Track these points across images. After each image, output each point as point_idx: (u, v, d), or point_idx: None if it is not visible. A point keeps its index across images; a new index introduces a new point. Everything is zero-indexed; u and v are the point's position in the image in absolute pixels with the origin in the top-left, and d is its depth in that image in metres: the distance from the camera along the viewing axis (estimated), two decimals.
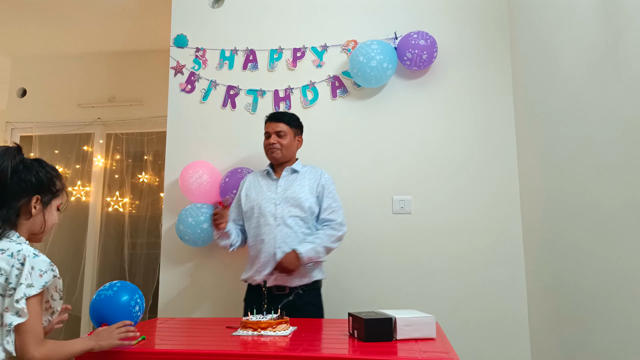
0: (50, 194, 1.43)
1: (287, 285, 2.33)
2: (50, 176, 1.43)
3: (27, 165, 1.38)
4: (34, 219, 1.40)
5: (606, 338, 1.79)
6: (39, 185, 1.39)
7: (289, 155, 2.49)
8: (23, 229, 1.39)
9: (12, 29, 4.22)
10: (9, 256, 1.28)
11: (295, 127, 2.51)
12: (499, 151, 2.81)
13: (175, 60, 3.19)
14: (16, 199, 1.36)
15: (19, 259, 1.28)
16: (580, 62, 1.95)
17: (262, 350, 1.51)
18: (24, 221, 1.39)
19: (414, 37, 2.79)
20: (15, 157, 1.36)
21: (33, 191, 1.38)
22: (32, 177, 1.38)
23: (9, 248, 1.30)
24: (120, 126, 4.57)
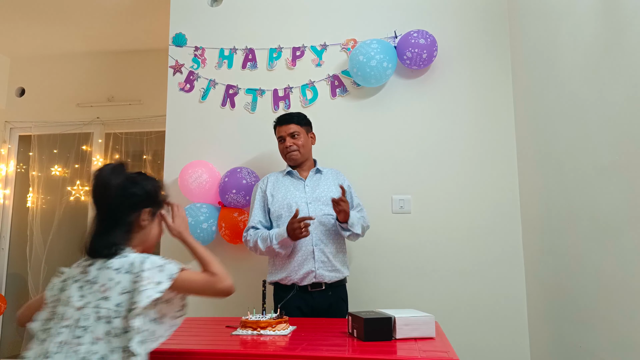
0: (158, 205, 1.46)
1: (323, 282, 2.33)
2: (156, 187, 1.45)
3: (133, 180, 1.40)
4: (144, 232, 1.42)
5: (605, 337, 1.79)
6: (147, 198, 1.42)
7: (307, 154, 2.51)
8: (135, 243, 1.40)
9: (11, 28, 4.21)
10: (126, 273, 1.29)
11: (305, 124, 2.51)
12: (499, 150, 2.81)
13: (174, 60, 3.18)
14: (128, 214, 1.38)
15: (135, 271, 1.28)
16: (580, 62, 1.95)
17: (262, 350, 1.51)
18: (136, 235, 1.40)
19: (414, 36, 2.79)
20: (123, 174, 1.38)
21: (143, 205, 1.41)
22: (140, 191, 1.40)
23: (122, 265, 1.30)
24: (119, 126, 4.57)
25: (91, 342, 1.23)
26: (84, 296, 1.29)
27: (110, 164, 1.40)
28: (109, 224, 1.36)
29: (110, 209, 1.36)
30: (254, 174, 2.86)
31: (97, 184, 1.37)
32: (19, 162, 4.78)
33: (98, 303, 1.26)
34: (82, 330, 1.24)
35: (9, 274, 4.57)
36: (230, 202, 2.83)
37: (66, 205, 4.62)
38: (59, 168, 4.70)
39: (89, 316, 1.26)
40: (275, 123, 2.51)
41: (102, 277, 1.29)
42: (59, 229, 4.58)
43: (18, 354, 4.46)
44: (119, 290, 1.27)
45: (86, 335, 1.24)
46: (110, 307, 1.25)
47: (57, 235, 4.56)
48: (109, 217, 1.36)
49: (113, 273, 1.29)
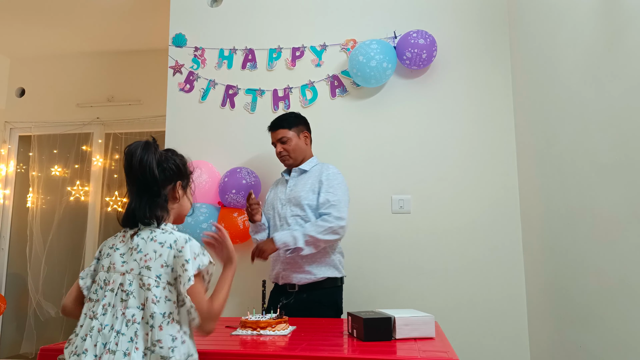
0: (187, 178, 1.55)
1: (294, 283, 2.34)
2: (184, 162, 1.55)
3: (165, 156, 1.50)
4: (179, 204, 1.52)
5: (605, 338, 1.79)
6: (179, 172, 1.51)
7: (300, 156, 2.48)
8: (172, 214, 1.50)
9: (11, 29, 4.21)
10: (168, 248, 1.37)
11: (295, 125, 2.48)
12: (499, 150, 2.81)
13: (174, 60, 3.19)
14: (165, 187, 1.47)
15: (178, 248, 1.36)
16: (580, 61, 1.95)
17: (262, 350, 1.51)
18: (172, 206, 1.50)
19: (414, 36, 2.79)
20: (156, 150, 1.47)
21: (175, 178, 1.50)
22: (172, 165, 1.49)
23: (166, 240, 1.38)
24: (119, 126, 4.57)
25: (137, 307, 1.32)
26: (127, 262, 1.38)
27: (141, 142, 1.47)
28: (148, 197, 1.44)
29: (148, 183, 1.44)
30: (253, 174, 2.86)
31: (131, 160, 1.44)
32: (19, 162, 4.78)
33: (140, 271, 1.35)
34: (127, 295, 1.33)
35: (8, 273, 4.58)
36: (230, 202, 2.83)
37: (66, 206, 4.62)
38: (59, 168, 4.70)
39: (132, 282, 1.34)
40: (268, 129, 2.52)
41: (146, 248, 1.38)
42: (59, 229, 4.58)
43: (18, 354, 4.47)
44: (160, 263, 1.35)
45: (131, 299, 1.32)
46: (151, 276, 1.33)
47: (57, 236, 4.56)
48: (146, 191, 1.44)
49: (157, 246, 1.37)
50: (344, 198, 2.35)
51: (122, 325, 1.30)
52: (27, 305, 4.49)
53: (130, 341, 1.28)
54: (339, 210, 2.29)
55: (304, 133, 2.50)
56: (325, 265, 2.35)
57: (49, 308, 4.44)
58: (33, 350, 4.43)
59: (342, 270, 2.42)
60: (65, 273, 4.52)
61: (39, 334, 4.46)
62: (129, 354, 1.26)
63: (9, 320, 4.53)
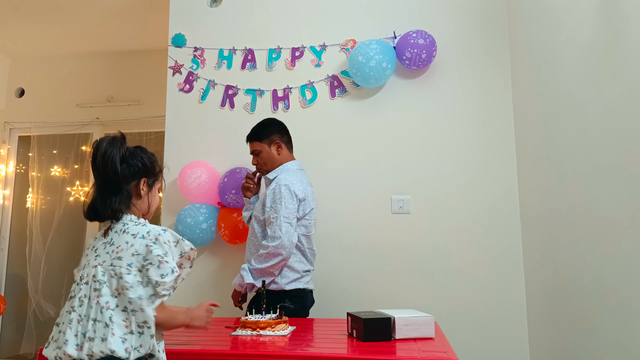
0: (153, 176, 1.58)
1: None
2: (152, 161, 1.57)
3: (131, 152, 1.53)
4: (142, 200, 1.54)
5: (604, 337, 1.79)
6: (145, 169, 1.54)
7: (273, 167, 2.47)
8: (135, 210, 1.52)
9: (10, 29, 4.21)
10: (141, 238, 1.41)
11: (265, 135, 2.47)
12: (498, 150, 2.81)
13: (174, 60, 3.19)
14: (128, 183, 1.50)
15: (151, 238, 1.41)
16: (579, 61, 1.96)
17: (261, 350, 1.51)
18: (135, 202, 1.52)
19: (413, 36, 2.79)
20: (122, 146, 1.50)
21: (140, 175, 1.52)
22: (138, 162, 1.52)
23: (139, 232, 1.42)
24: (119, 126, 4.57)
25: (110, 295, 1.36)
26: (100, 255, 1.43)
27: (110, 137, 1.50)
28: (109, 191, 1.47)
29: (110, 178, 1.47)
30: None
31: (97, 154, 1.47)
32: (19, 162, 4.78)
33: (112, 262, 1.39)
34: (100, 284, 1.37)
35: (8, 274, 4.58)
36: (229, 202, 2.83)
37: (66, 206, 4.62)
38: (59, 168, 4.70)
39: (105, 272, 1.39)
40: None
41: (119, 240, 1.42)
42: (59, 229, 4.58)
43: (18, 354, 4.47)
44: (131, 252, 1.39)
45: (104, 288, 1.37)
46: (122, 265, 1.37)
47: (57, 236, 4.56)
48: (109, 185, 1.47)
49: (130, 237, 1.41)
50: (283, 213, 2.27)
51: (97, 313, 1.35)
52: (27, 305, 4.49)
53: (105, 327, 1.33)
54: (274, 229, 2.26)
55: (275, 143, 2.47)
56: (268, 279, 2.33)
57: (49, 308, 4.44)
58: (33, 350, 4.43)
59: (281, 284, 2.31)
60: (64, 273, 4.52)
61: (39, 334, 4.46)
62: (105, 339, 1.31)
63: (8, 320, 4.53)
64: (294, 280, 2.33)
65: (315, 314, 2.48)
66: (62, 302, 4.47)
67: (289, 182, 2.34)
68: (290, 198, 2.30)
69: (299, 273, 2.35)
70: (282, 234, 2.25)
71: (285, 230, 2.26)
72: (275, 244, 2.24)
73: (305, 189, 2.38)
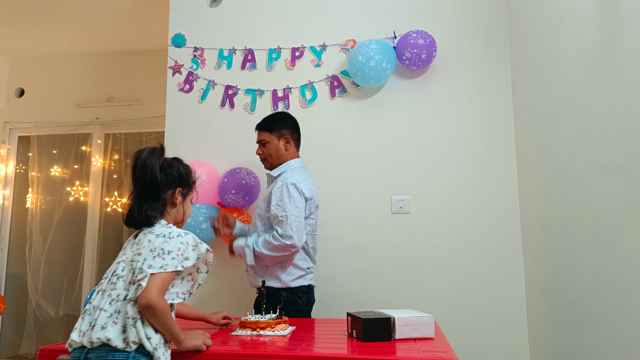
0: (188, 187, 1.66)
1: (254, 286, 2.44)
2: (187, 172, 1.66)
3: (169, 162, 1.61)
4: (177, 209, 1.63)
5: (604, 338, 1.79)
6: (180, 179, 1.62)
7: (278, 161, 2.45)
8: (167, 217, 1.59)
9: (10, 29, 4.21)
10: (162, 237, 1.48)
11: (277, 128, 2.45)
12: (498, 150, 2.81)
13: (174, 60, 3.19)
14: (164, 192, 1.58)
15: (170, 237, 1.48)
16: (579, 62, 1.96)
17: (261, 350, 1.51)
18: (169, 211, 1.60)
19: (413, 36, 2.79)
20: (161, 156, 1.58)
21: (176, 184, 1.61)
22: (174, 172, 1.61)
23: (162, 232, 1.50)
24: (119, 126, 4.57)
25: (123, 288, 1.42)
26: (125, 254, 1.52)
27: (149, 147, 1.59)
28: (147, 198, 1.55)
29: (149, 186, 1.55)
30: (253, 175, 2.86)
31: (137, 163, 1.55)
32: (19, 162, 4.78)
33: (133, 257, 1.47)
34: (117, 278, 1.45)
35: (8, 274, 4.58)
36: (229, 202, 2.83)
37: (65, 206, 4.62)
38: (59, 169, 4.70)
39: (125, 268, 1.46)
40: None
41: (144, 240, 1.50)
42: (59, 229, 4.58)
43: (18, 354, 4.46)
44: (150, 248, 1.45)
45: (119, 282, 1.44)
46: (140, 260, 1.43)
47: (57, 236, 4.56)
48: (147, 193, 1.56)
49: (153, 237, 1.49)
50: (293, 212, 2.27)
51: (106, 304, 1.40)
52: (27, 305, 4.49)
53: (109, 317, 1.38)
54: (285, 228, 2.25)
55: (285, 138, 2.45)
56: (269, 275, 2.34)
57: (49, 308, 4.44)
58: (32, 350, 4.43)
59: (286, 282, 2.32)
60: (64, 273, 4.52)
61: (39, 334, 4.46)
62: (105, 327, 1.36)
63: (8, 320, 4.53)
64: (299, 277, 2.35)
65: (315, 314, 2.48)
66: (62, 302, 4.47)
67: (296, 180, 2.33)
68: (298, 197, 2.30)
69: (304, 270, 2.37)
70: (294, 232, 2.24)
71: (297, 229, 2.26)
72: (289, 243, 2.24)
73: (310, 188, 2.39)
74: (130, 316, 1.36)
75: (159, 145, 1.61)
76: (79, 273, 4.42)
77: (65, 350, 1.50)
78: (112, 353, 1.34)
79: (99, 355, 1.35)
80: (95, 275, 4.42)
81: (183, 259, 1.46)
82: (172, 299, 1.49)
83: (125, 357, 1.34)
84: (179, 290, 1.52)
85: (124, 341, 1.34)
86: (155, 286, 1.37)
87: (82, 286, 4.39)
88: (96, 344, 1.35)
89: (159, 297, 1.37)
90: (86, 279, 4.39)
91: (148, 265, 1.40)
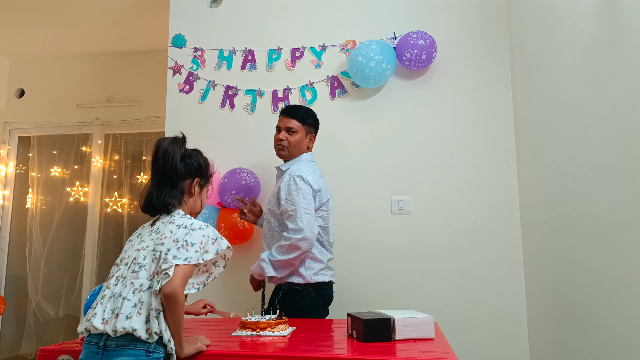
0: (205, 179, 1.68)
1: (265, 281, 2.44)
2: (206, 163, 1.68)
3: (189, 153, 1.64)
4: (194, 199, 1.65)
5: (604, 338, 1.79)
6: (199, 170, 1.64)
7: (296, 154, 2.43)
8: (184, 207, 1.62)
9: (10, 30, 4.21)
10: (183, 228, 1.50)
11: (309, 124, 2.45)
12: (498, 151, 2.82)
13: (174, 61, 3.19)
14: (183, 180, 1.61)
15: (192, 229, 1.50)
16: (579, 62, 1.96)
17: (261, 351, 1.51)
18: (187, 200, 1.63)
19: (413, 37, 2.79)
20: (182, 145, 1.61)
21: (195, 174, 1.63)
22: (194, 162, 1.63)
23: (183, 223, 1.52)
24: (119, 126, 4.57)
25: (146, 278, 1.43)
26: (144, 241, 1.52)
27: (172, 137, 1.61)
28: (166, 186, 1.58)
29: (169, 174, 1.57)
30: (253, 175, 2.86)
31: (159, 151, 1.58)
32: (19, 163, 4.78)
33: (155, 247, 1.48)
34: (139, 267, 1.45)
35: (8, 274, 4.58)
36: (229, 202, 2.83)
37: (65, 206, 4.62)
38: (59, 169, 4.70)
39: (146, 257, 1.47)
40: (280, 111, 2.48)
41: (164, 229, 1.51)
42: (59, 229, 4.58)
43: (18, 355, 4.46)
44: (172, 238, 1.47)
45: (142, 272, 1.44)
46: (163, 250, 1.45)
47: (57, 236, 4.56)
48: (166, 180, 1.58)
49: (175, 227, 1.50)
50: (302, 205, 2.24)
51: (129, 293, 1.41)
52: (27, 306, 4.49)
53: (134, 306, 1.39)
54: (296, 222, 2.22)
55: (311, 136, 2.48)
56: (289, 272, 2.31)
57: (49, 309, 4.44)
58: (32, 351, 4.43)
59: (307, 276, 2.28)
60: (64, 274, 4.52)
61: (39, 334, 4.46)
62: (130, 317, 1.37)
63: (8, 321, 4.53)
64: (320, 270, 2.31)
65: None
66: (62, 302, 4.47)
67: (302, 172, 2.31)
68: (306, 188, 2.28)
69: (323, 263, 2.34)
70: (304, 225, 2.20)
71: (307, 221, 2.22)
72: (299, 237, 2.19)
73: (318, 180, 2.36)
74: (154, 308, 1.38)
75: (181, 134, 1.64)
76: (79, 273, 4.42)
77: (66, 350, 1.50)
78: (134, 343, 1.36)
79: (121, 343, 1.36)
80: (95, 276, 4.41)
81: (204, 252, 1.49)
82: (188, 289, 1.52)
83: (147, 347, 1.36)
84: (194, 280, 1.56)
85: (147, 332, 1.37)
86: (179, 277, 1.40)
87: (82, 286, 4.39)
88: (120, 333, 1.36)
89: (182, 288, 1.40)
90: (86, 279, 4.39)
91: (173, 256, 1.42)
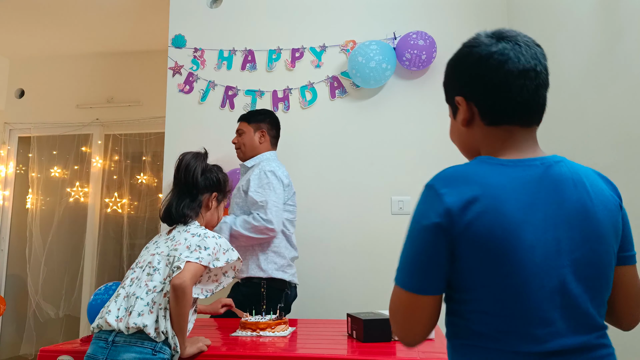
0: (223, 194, 1.75)
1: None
2: (225, 179, 1.76)
3: (210, 168, 1.72)
4: (211, 212, 1.73)
5: None
6: (218, 185, 1.72)
7: (250, 152, 2.51)
8: (201, 219, 1.69)
9: (10, 30, 4.21)
10: (197, 236, 1.56)
11: (257, 121, 2.52)
12: None
13: (174, 61, 3.19)
14: (202, 194, 1.68)
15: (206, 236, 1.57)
16: (579, 63, 1.96)
17: (261, 351, 1.51)
18: (204, 213, 1.70)
19: (413, 37, 2.79)
20: (204, 160, 1.70)
21: (213, 189, 1.71)
22: (214, 177, 1.71)
23: (198, 232, 1.58)
24: (119, 127, 4.57)
25: (159, 281, 1.49)
26: (159, 247, 1.59)
27: (195, 152, 1.70)
28: (184, 198, 1.65)
29: (189, 186, 1.65)
30: None
31: (181, 164, 1.67)
32: (19, 163, 4.78)
33: (170, 252, 1.54)
34: (154, 270, 1.52)
35: (8, 275, 4.57)
36: (229, 203, 2.83)
37: (65, 207, 4.62)
38: (59, 169, 4.70)
39: (161, 261, 1.54)
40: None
41: (180, 237, 1.58)
42: (59, 230, 4.58)
43: (18, 355, 4.46)
44: (186, 245, 1.53)
45: (156, 275, 1.50)
46: (177, 255, 1.51)
47: (57, 237, 4.56)
48: (186, 192, 1.66)
49: (189, 236, 1.57)
50: (272, 198, 2.29)
51: (142, 293, 1.47)
52: (27, 306, 4.49)
53: (146, 305, 1.44)
54: (266, 213, 2.26)
55: (261, 131, 2.51)
56: (251, 264, 2.32)
57: (49, 309, 4.44)
58: (32, 351, 4.42)
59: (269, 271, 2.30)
60: (64, 274, 4.52)
61: (39, 335, 4.46)
62: (142, 314, 1.42)
63: (8, 321, 4.53)
64: (281, 267, 2.33)
65: (315, 315, 2.48)
66: (62, 302, 4.47)
67: (273, 168, 2.38)
68: (277, 183, 2.34)
69: (286, 259, 2.36)
70: (273, 217, 2.26)
71: (276, 214, 2.28)
72: (267, 226, 2.24)
73: (287, 175, 2.44)
74: (163, 307, 1.43)
75: (204, 150, 1.71)
76: (79, 274, 4.42)
77: (66, 350, 1.50)
78: (141, 341, 1.40)
79: (129, 340, 1.40)
80: (95, 276, 4.41)
81: (214, 258, 1.54)
82: (197, 294, 1.56)
83: (153, 347, 1.40)
84: (203, 287, 1.60)
85: (155, 330, 1.41)
86: (189, 271, 1.44)
87: (82, 287, 4.38)
88: (132, 330, 1.40)
89: (191, 283, 1.44)
90: (86, 279, 4.39)
91: (185, 255, 1.48)
